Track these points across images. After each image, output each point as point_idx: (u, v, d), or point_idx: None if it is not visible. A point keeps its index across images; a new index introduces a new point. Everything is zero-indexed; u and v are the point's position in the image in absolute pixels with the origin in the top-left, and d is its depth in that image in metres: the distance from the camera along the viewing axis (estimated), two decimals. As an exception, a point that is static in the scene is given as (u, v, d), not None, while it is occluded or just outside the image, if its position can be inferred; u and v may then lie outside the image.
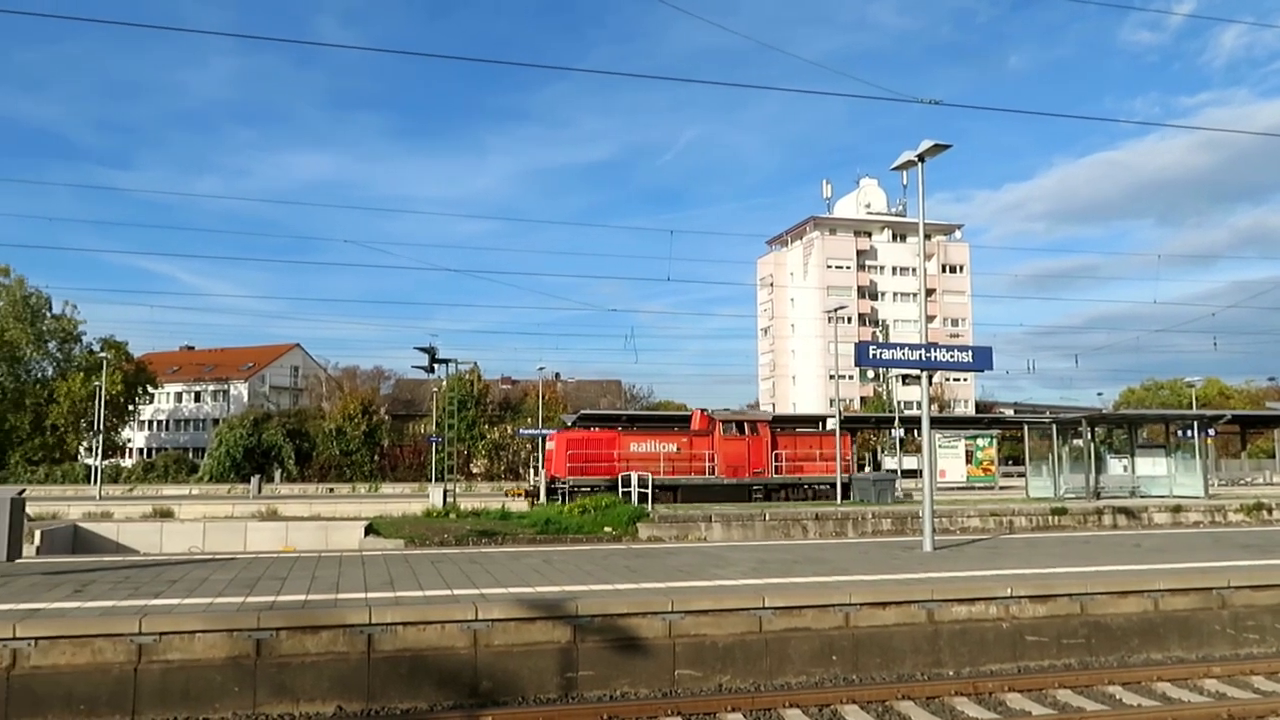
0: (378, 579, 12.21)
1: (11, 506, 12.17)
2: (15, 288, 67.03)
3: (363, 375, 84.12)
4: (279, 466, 63.00)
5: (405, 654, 9.32)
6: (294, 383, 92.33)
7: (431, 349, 32.71)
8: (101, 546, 24.01)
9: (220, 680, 8.89)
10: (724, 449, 33.88)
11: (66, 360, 68.64)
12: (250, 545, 23.25)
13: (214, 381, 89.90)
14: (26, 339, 66.00)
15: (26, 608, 9.76)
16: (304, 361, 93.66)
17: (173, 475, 63.85)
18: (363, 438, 65.44)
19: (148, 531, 24.89)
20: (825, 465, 34.01)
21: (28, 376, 67.63)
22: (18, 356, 66.47)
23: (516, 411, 70.48)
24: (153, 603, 10.12)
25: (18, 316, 65.86)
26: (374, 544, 21.71)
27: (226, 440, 63.78)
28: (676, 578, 12.38)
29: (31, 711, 8.43)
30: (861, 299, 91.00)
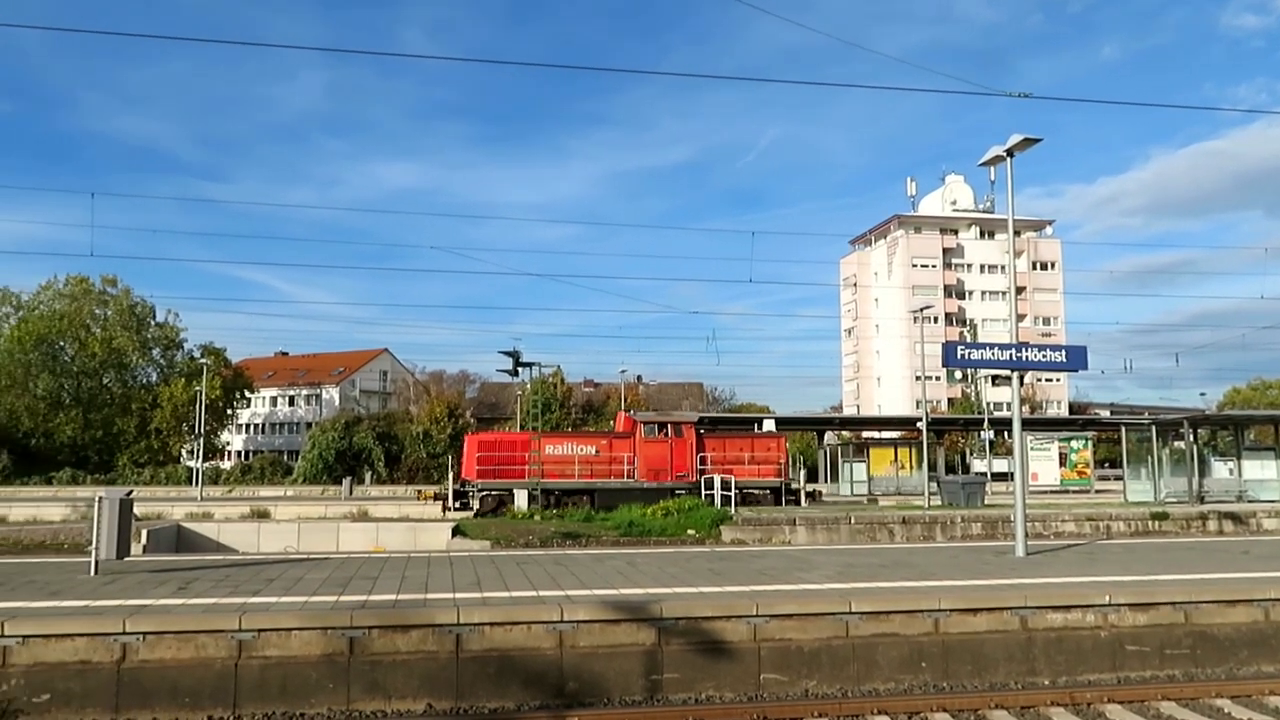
0: (465, 580, 12.41)
1: (121, 507, 12.73)
2: (122, 297, 70.04)
3: (448, 379, 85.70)
4: (369, 469, 64.54)
5: (493, 654, 9.45)
6: (383, 387, 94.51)
7: (515, 353, 33.13)
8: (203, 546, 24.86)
9: (315, 677, 9.14)
10: (645, 451, 32.41)
11: (169, 366, 71.42)
12: (342, 545, 23.81)
13: (307, 386, 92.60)
14: (133, 346, 68.89)
15: (135, 603, 10.19)
16: (392, 366, 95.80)
17: (269, 477, 65.92)
18: (449, 441, 66.51)
19: (246, 531, 25.67)
20: (757, 469, 32.88)
21: (134, 382, 70.58)
22: (125, 363, 69.43)
23: (599, 414, 70.88)
24: (251, 601, 10.46)
25: (124, 325, 68.81)
26: (461, 545, 22.08)
27: (319, 443, 65.60)
28: (760, 581, 12.30)
29: (140, 704, 8.79)
30: (948, 298, 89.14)
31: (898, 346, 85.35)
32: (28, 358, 64.49)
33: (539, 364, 35.32)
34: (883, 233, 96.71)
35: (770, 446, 33.85)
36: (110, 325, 68.62)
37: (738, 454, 33.32)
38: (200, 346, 71.12)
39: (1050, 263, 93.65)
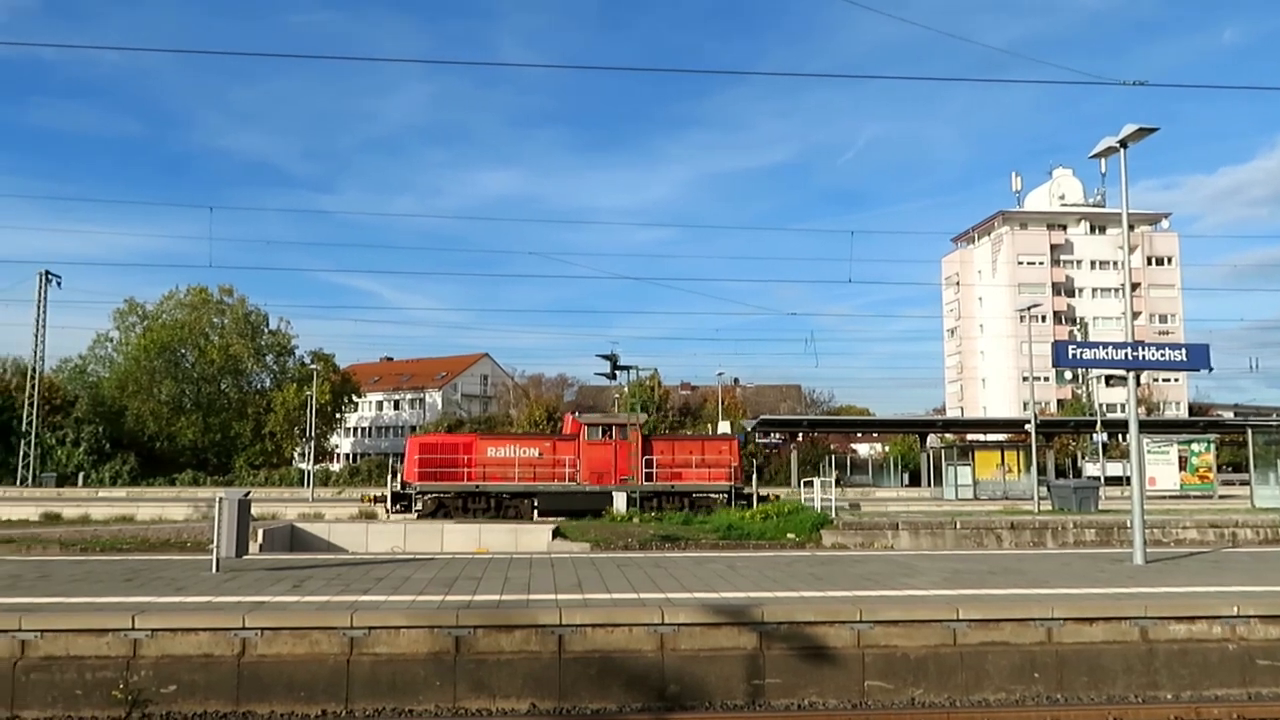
0: (566, 581, 12.53)
1: (239, 507, 13.28)
2: (238, 306, 73.16)
3: (547, 383, 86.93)
4: (471, 471, 65.84)
5: (594, 655, 9.51)
6: (483, 390, 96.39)
7: (613, 356, 33.37)
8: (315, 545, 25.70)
9: (423, 674, 9.35)
10: (588, 454, 31.90)
11: (282, 372, 74.26)
12: (446, 546, 24.33)
13: (411, 390, 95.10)
14: (248, 353, 71.89)
15: (253, 600, 10.60)
16: (492, 370, 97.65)
17: (376, 479, 67.82)
18: (548, 443, 67.47)
19: (355, 532, 26.45)
20: (707, 473, 32.15)
21: (249, 387, 73.65)
22: (240, 369, 72.50)
23: (696, 417, 70.82)
24: (362, 599, 10.77)
25: (240, 333, 71.86)
26: (561, 546, 22.31)
27: (423, 446, 67.23)
28: (864, 586, 12.09)
29: (259, 697, 9.13)
30: (1056, 296, 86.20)
31: (1003, 346, 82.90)
32: (153, 365, 67.89)
33: (636, 367, 35.52)
34: (986, 229, 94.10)
35: (722, 449, 33.13)
36: (227, 333, 71.71)
37: (687, 457, 32.69)
38: (310, 353, 73.78)
39: (1167, 257, 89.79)
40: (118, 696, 8.92)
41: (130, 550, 18.96)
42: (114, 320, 72.40)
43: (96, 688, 8.99)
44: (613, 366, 33.45)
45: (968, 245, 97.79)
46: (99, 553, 18.34)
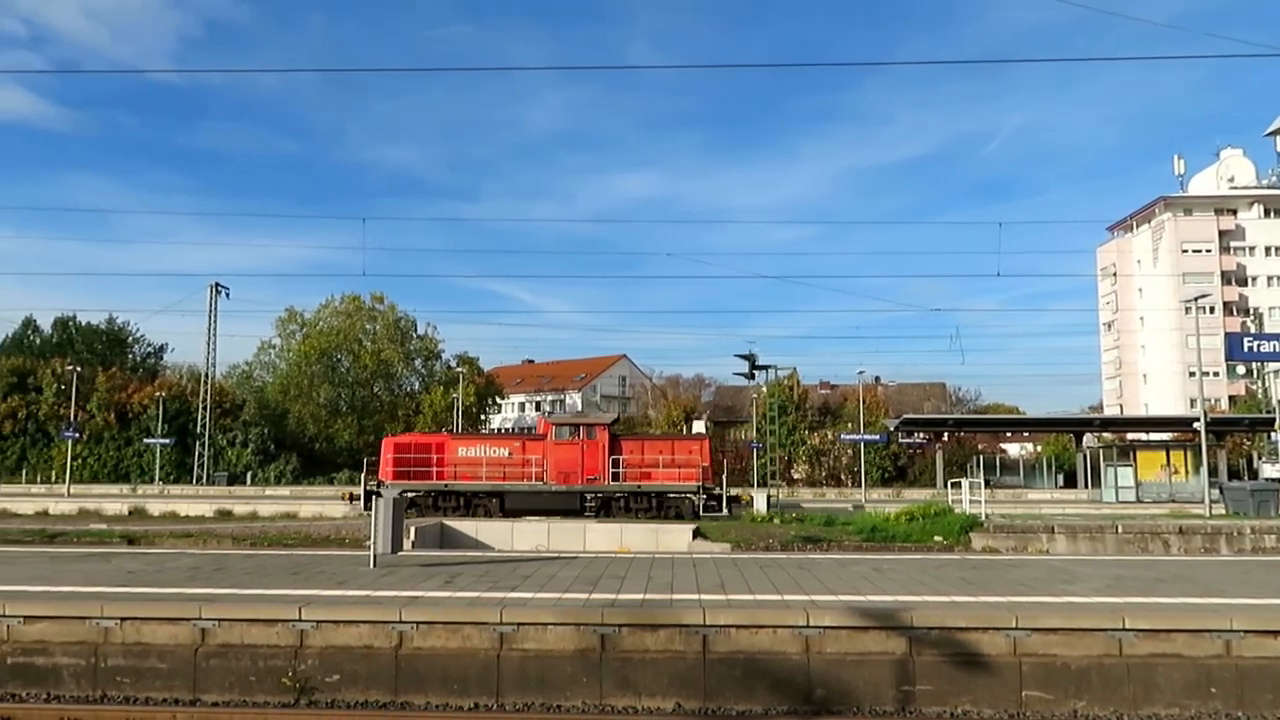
0: (709, 581, 12.52)
1: (394, 506, 13.86)
2: (388, 313, 76.37)
3: (685, 383, 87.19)
4: (611, 471, 66.72)
5: (739, 656, 9.46)
6: (622, 391, 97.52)
7: (751, 356, 33.18)
8: (463, 542, 26.51)
9: (570, 671, 9.52)
10: (555, 454, 31.48)
11: (429, 375, 77.09)
12: (588, 545, 24.71)
13: (551, 392, 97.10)
14: (398, 358, 74.98)
15: (408, 595, 11.03)
16: (630, 371, 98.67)
17: (519, 479, 69.63)
18: (686, 444, 67.65)
19: (501, 530, 27.14)
20: (677, 473, 31.01)
21: (399, 390, 76.77)
22: (391, 373, 75.67)
23: (837, 417, 69.61)
24: (510, 596, 11.05)
25: (390, 338, 75.01)
26: (701, 547, 22.31)
27: (564, 447, 68.55)
28: (1019, 591, 11.60)
29: (416, 688, 9.49)
30: (1226, 285, 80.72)
31: (1166, 340, 78.13)
32: (311, 370, 71.59)
33: (775, 366, 35.20)
34: (1146, 217, 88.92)
35: (692, 449, 32.18)
36: (379, 339, 74.95)
37: (656, 456, 31.91)
38: (456, 356, 76.26)
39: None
40: (287, 684, 9.44)
41: (294, 545, 20.05)
42: (276, 328, 76.77)
43: (268, 675, 9.53)
44: (751, 366, 33.26)
45: (1125, 234, 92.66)
46: (266, 547, 19.49)
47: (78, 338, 79.90)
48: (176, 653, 9.69)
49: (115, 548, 19.34)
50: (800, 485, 63.25)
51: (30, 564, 14.70)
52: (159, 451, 62.53)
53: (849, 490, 59.64)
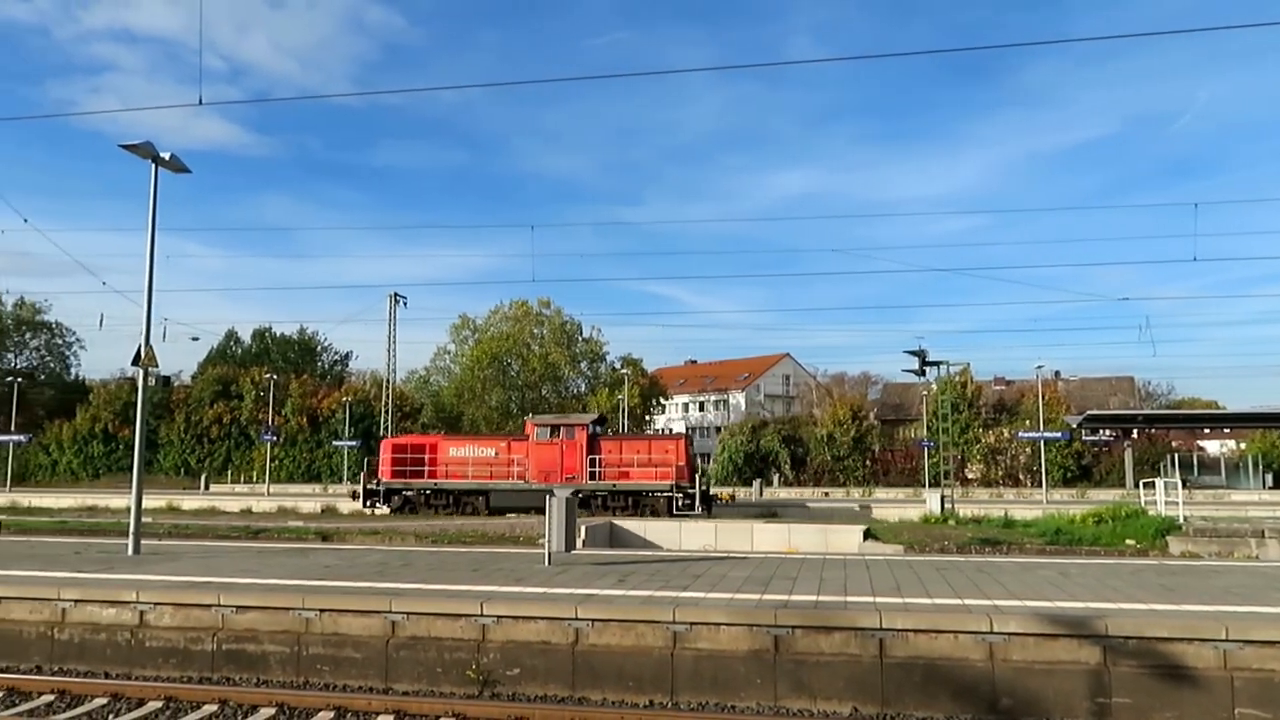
0: (884, 583, 12.21)
1: (567, 505, 14.20)
2: (555, 317, 78.50)
3: (850, 381, 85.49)
4: (776, 471, 66.20)
5: (918, 661, 9.18)
6: (786, 391, 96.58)
7: (921, 352, 32.17)
8: (632, 541, 26.90)
9: (744, 671, 9.49)
10: (536, 453, 32.52)
11: (595, 377, 78.74)
12: (756, 545, 24.60)
13: (715, 392, 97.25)
14: (565, 360, 76.95)
15: (583, 592, 11.27)
16: (794, 370, 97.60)
17: (684, 479, 70.10)
18: (852, 443, 66.28)
19: (668, 530, 27.40)
20: (653, 472, 31.58)
21: (566, 393, 78.74)
22: (559, 376, 77.74)
23: (1013, 414, 66.60)
24: (682, 595, 11.12)
25: (557, 342, 77.08)
26: (872, 548, 21.82)
27: (728, 447, 68.52)
28: (1226, 600, 10.75)
29: (592, 684, 9.69)
30: None
31: (1392, 325, 70.71)
32: (484, 374, 74.40)
33: (946, 362, 33.95)
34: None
35: (668, 449, 32.53)
36: (546, 343, 77.13)
37: (633, 456, 32.48)
38: (620, 358, 77.56)
39: None
40: (471, 676, 9.82)
41: (473, 543, 20.85)
42: (450, 334, 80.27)
43: (453, 667, 9.95)
44: (921, 362, 32.24)
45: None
46: (447, 544, 20.35)
47: (273, 347, 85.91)
48: (370, 644, 10.25)
49: (311, 544, 20.66)
50: (975, 485, 60.87)
51: (238, 558, 15.89)
52: (346, 453, 66.42)
53: (1027, 490, 56.94)
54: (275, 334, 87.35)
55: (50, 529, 24.80)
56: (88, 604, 11.21)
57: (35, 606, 11.33)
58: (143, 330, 17.09)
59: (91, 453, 72.03)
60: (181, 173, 17.10)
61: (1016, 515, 27.98)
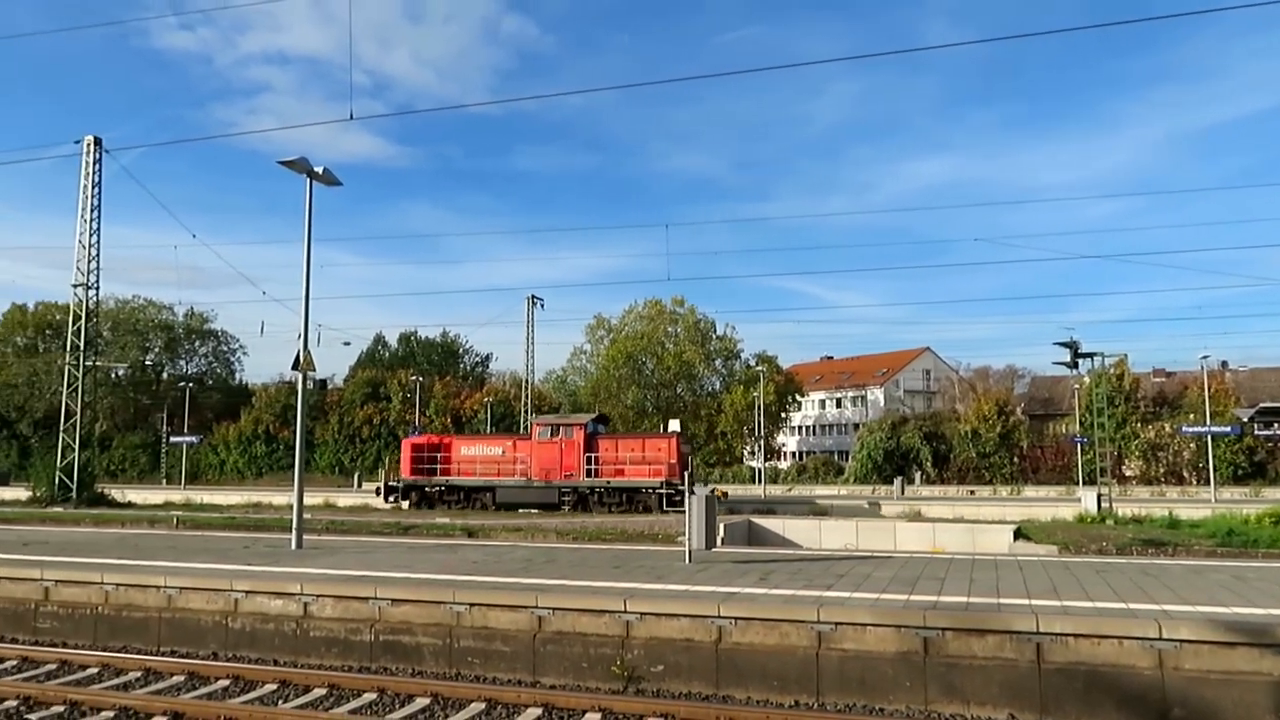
0: (1039, 585, 11.70)
1: (707, 503, 14.18)
2: (688, 315, 78.61)
3: (994, 375, 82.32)
4: (918, 468, 64.41)
5: (1079, 667, 8.76)
6: (926, 386, 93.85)
7: (1073, 343, 30.72)
8: (770, 539, 26.72)
9: (892, 673, 9.26)
10: (538, 452, 33.94)
11: (729, 375, 78.44)
12: (899, 545, 24.03)
13: (852, 388, 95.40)
14: (699, 359, 76.96)
15: (724, 590, 11.23)
16: (935, 364, 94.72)
17: (822, 477, 69.02)
18: (998, 439, 63.79)
19: (807, 528, 27.11)
20: (647, 469, 32.79)
21: (701, 391, 78.79)
22: (693, 374, 77.82)
23: (1175, 407, 62.78)
24: (826, 594, 10.94)
25: (691, 340, 77.18)
26: (1023, 548, 21.00)
27: (867, 444, 67.09)
28: None
29: (736, 683, 9.64)
30: None
31: None
32: (619, 373, 75.22)
33: (1100, 353, 32.30)
34: None
35: (660, 447, 33.67)
36: (680, 341, 77.35)
37: (627, 454, 33.63)
38: (755, 355, 77.01)
39: None
40: (616, 672, 9.93)
41: (612, 540, 21.09)
42: (586, 335, 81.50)
43: (598, 662, 10.09)
44: (1073, 354, 30.79)
45: None
46: (587, 541, 20.66)
47: (418, 351, 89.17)
48: (517, 638, 10.50)
49: (458, 540, 21.34)
50: (1133, 483, 57.66)
51: (391, 553, 16.56)
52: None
53: (1193, 489, 53.61)
54: (420, 337, 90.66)
55: (220, 524, 26.45)
56: (257, 595, 11.89)
57: (211, 597, 12.10)
58: (301, 336, 18.04)
59: (255, 452, 76.45)
60: (333, 185, 17.94)
61: (1182, 515, 26.37)
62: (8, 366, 78.26)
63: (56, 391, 46.42)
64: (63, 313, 64.54)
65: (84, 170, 37.66)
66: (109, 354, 70.41)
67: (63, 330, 53.87)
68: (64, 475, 37.86)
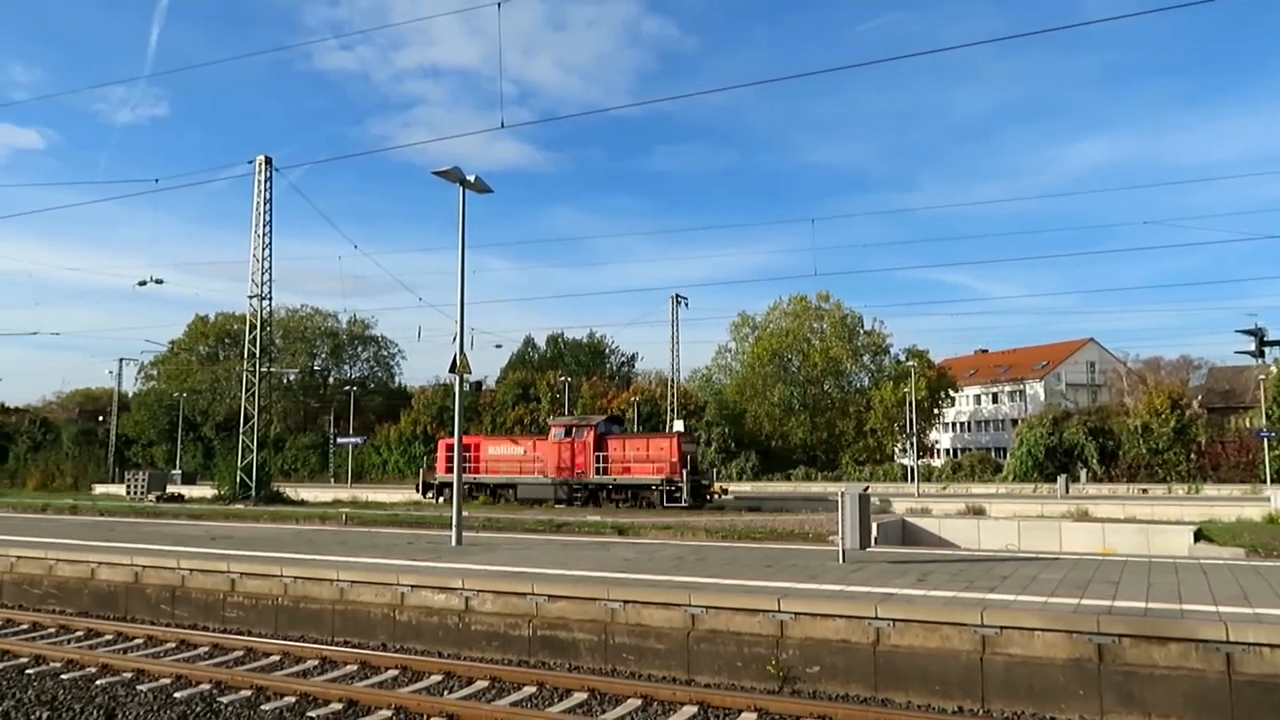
0: (1226, 591, 10.91)
1: (860, 502, 13.87)
2: (835, 311, 77.30)
3: (1166, 366, 77.37)
4: (1083, 466, 61.18)
5: (1277, 680, 8.11)
6: (1090, 379, 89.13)
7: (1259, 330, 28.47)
8: (925, 539, 25.96)
9: (1063, 681, 8.82)
10: (554, 451, 36.41)
11: (879, 371, 76.68)
12: (1065, 545, 22.88)
13: (1009, 382, 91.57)
14: (846, 354, 75.55)
15: (881, 591, 10.96)
16: (1100, 356, 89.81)
17: (978, 475, 66.54)
18: (1172, 435, 59.84)
19: (965, 528, 26.19)
20: (651, 467, 34.77)
21: (849, 387, 77.32)
22: (840, 370, 76.44)
23: (1380, 398, 57.47)
24: (988, 597, 10.52)
25: (838, 335, 75.83)
26: (1205, 551, 19.68)
27: (1027, 440, 64.23)
28: None
29: (895, 686, 9.39)
30: None
31: None
32: (765, 370, 74.71)
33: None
34: None
35: (663, 447, 35.52)
36: (827, 337, 76.14)
37: (634, 453, 35.76)
38: (905, 350, 75.05)
39: None
40: (770, 672, 9.84)
41: (762, 539, 20.96)
42: (730, 333, 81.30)
43: (753, 662, 10.02)
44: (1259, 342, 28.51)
45: None
46: (737, 540, 20.60)
47: (566, 352, 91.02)
48: (671, 635, 10.55)
49: (609, 537, 21.66)
50: (1330, 481, 53.09)
51: (546, 550, 16.95)
52: (636, 451, 69.14)
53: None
54: (567, 339, 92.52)
55: (385, 521, 27.72)
56: (422, 589, 12.39)
57: (379, 591, 12.68)
58: (456, 340, 18.68)
59: (414, 452, 79.72)
60: (484, 193, 18.51)
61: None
62: (192, 374, 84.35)
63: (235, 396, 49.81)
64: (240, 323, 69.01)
65: (256, 188, 40.21)
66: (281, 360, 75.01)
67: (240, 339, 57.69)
68: (244, 474, 40.51)
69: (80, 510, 34.53)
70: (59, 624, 13.41)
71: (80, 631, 12.95)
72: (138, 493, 47.09)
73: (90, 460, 79.64)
